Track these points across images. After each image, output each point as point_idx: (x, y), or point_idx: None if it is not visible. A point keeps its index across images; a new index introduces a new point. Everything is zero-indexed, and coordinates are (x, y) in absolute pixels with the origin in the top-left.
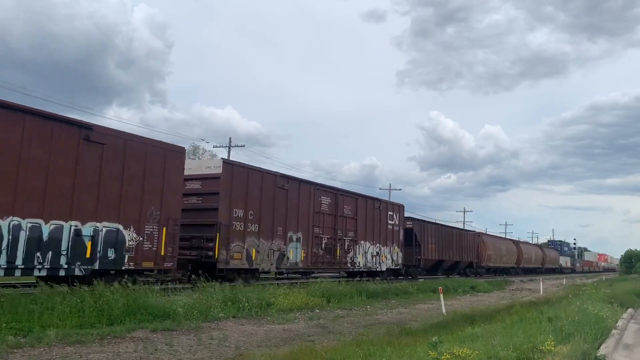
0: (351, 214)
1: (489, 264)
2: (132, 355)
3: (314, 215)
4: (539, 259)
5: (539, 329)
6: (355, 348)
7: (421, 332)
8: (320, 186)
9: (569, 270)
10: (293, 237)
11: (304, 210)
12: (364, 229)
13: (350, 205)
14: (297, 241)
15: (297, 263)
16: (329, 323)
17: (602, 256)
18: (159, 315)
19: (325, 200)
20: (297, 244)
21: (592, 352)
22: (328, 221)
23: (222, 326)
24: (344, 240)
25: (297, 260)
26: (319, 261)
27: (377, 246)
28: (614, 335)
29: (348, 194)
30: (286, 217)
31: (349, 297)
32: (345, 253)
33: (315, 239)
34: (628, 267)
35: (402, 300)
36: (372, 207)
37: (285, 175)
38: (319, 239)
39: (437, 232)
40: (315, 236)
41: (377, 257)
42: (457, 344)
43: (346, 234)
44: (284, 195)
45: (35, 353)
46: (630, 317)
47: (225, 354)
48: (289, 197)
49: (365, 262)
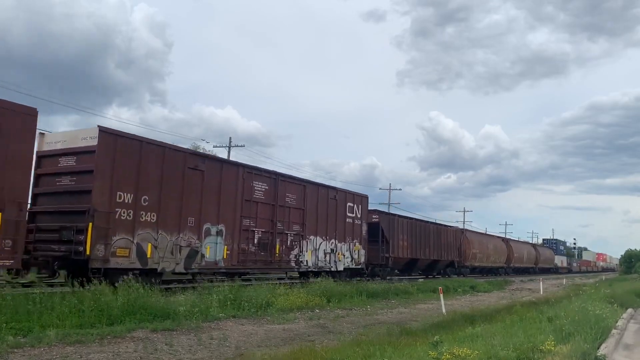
0: (297, 204)
1: (474, 264)
2: (132, 355)
3: (244, 203)
4: (531, 258)
5: (539, 328)
6: (356, 348)
7: (421, 332)
8: (253, 169)
9: (565, 270)
10: (211, 229)
11: (228, 197)
12: (315, 221)
13: (296, 194)
14: (217, 235)
15: (216, 262)
16: (329, 323)
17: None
18: (159, 315)
19: (259, 186)
20: (218, 239)
21: (592, 352)
22: (264, 211)
23: (222, 326)
24: (286, 234)
25: (217, 259)
26: (250, 259)
27: (333, 242)
28: (614, 335)
29: (293, 180)
30: (201, 204)
31: (349, 297)
32: (288, 250)
33: (245, 232)
34: (628, 267)
35: (402, 300)
36: (326, 197)
37: (200, 154)
38: (251, 233)
39: (410, 228)
40: (244, 229)
41: (331, 255)
42: (457, 343)
43: (289, 228)
44: (198, 178)
45: (35, 353)
46: (630, 317)
47: (225, 354)
48: (205, 180)
49: (315, 260)
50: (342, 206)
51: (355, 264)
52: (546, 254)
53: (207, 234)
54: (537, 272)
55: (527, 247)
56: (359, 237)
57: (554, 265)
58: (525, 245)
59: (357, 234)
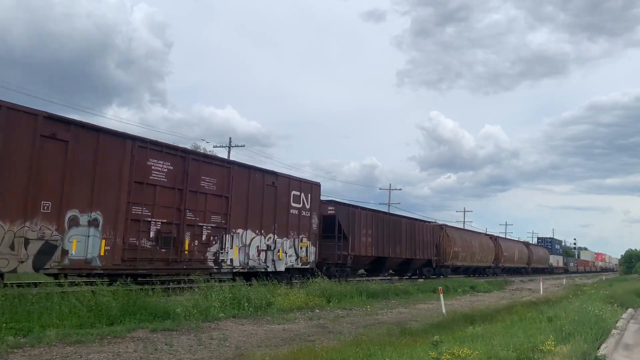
0: (218, 190)
1: (457, 263)
2: (132, 355)
3: (133, 186)
4: (523, 258)
5: (539, 328)
6: (356, 348)
7: (421, 332)
8: (149, 143)
9: (561, 270)
10: (80, 218)
11: (108, 177)
12: (244, 212)
13: (218, 177)
14: (90, 225)
15: (88, 260)
16: (329, 323)
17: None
18: (158, 316)
19: (160, 165)
20: (91, 230)
21: (592, 352)
22: (167, 198)
23: (222, 326)
24: (200, 227)
25: (89, 256)
26: (144, 258)
27: (270, 238)
28: (614, 335)
29: (211, 160)
30: (63, 186)
31: (349, 297)
32: (204, 246)
33: (135, 223)
34: (628, 267)
35: (402, 300)
36: (261, 183)
37: (63, 118)
38: (145, 224)
39: (376, 222)
40: (134, 219)
41: (268, 253)
42: (457, 344)
43: (206, 219)
44: (57, 151)
45: (35, 353)
46: (630, 317)
47: (225, 354)
48: (69, 154)
49: (244, 259)
50: (284, 195)
51: (301, 263)
52: (540, 253)
53: (74, 223)
54: (530, 272)
55: (519, 246)
56: (307, 231)
57: (548, 265)
58: (517, 244)
59: (304, 228)
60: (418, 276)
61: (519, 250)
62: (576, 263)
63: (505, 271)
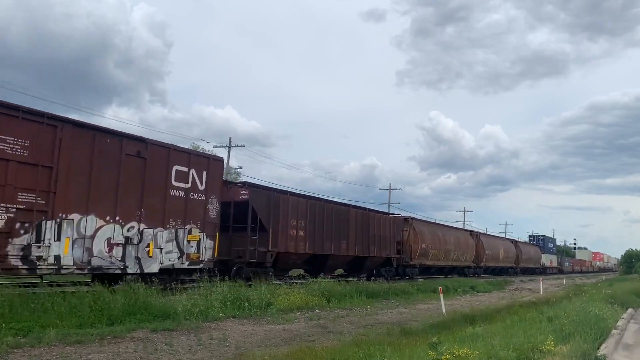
0: (31, 157)
1: (426, 262)
2: (132, 355)
3: None
4: (510, 257)
5: (539, 329)
6: (355, 348)
7: (421, 332)
8: None
9: (555, 270)
10: None
11: None
12: (85, 190)
13: (30, 138)
14: None
15: None
16: (329, 323)
17: (598, 255)
18: (159, 315)
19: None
20: None
21: (592, 352)
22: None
23: (222, 326)
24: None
25: None
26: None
27: (133, 227)
28: (614, 335)
29: (18, 114)
30: None
31: (349, 297)
32: (4, 238)
33: None
34: (628, 267)
35: (402, 300)
36: (118, 151)
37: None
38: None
39: (312, 211)
40: None
41: (128, 248)
42: (457, 344)
43: (4, 198)
44: None
45: (35, 353)
46: (630, 317)
47: (225, 354)
48: None
49: (85, 256)
50: (159, 169)
51: (189, 263)
52: (530, 252)
53: None
54: (519, 273)
55: (505, 243)
56: (199, 220)
57: (540, 265)
58: (502, 241)
59: (195, 216)
60: (375, 277)
61: (504, 248)
62: (572, 263)
63: (489, 272)
